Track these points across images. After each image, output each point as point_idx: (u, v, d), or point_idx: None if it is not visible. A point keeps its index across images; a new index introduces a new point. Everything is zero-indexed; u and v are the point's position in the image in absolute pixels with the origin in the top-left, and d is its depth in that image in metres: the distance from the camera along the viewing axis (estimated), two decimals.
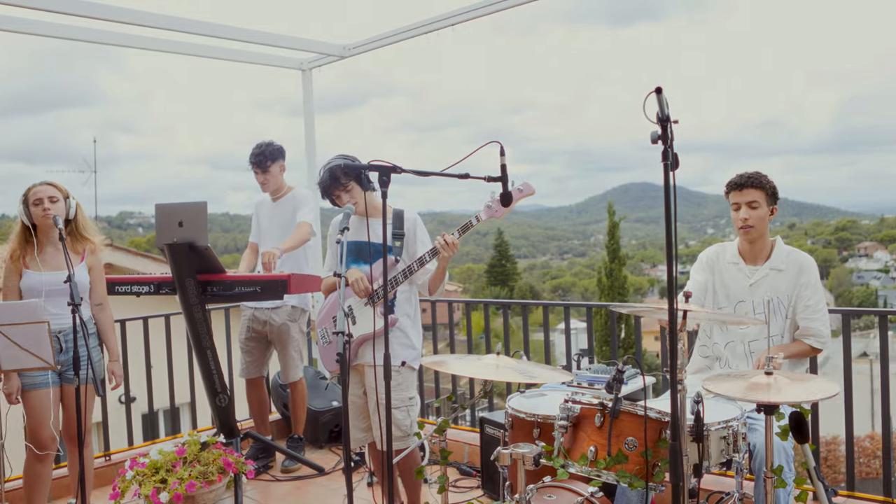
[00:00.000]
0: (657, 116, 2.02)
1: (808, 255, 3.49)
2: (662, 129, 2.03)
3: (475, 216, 3.46)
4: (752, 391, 2.54)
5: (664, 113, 1.97)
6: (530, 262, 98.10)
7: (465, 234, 3.47)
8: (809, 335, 3.41)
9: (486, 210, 3.42)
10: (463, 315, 26.09)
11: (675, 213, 1.97)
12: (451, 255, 3.46)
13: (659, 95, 1.92)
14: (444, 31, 5.27)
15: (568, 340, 4.89)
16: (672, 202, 1.99)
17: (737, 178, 3.47)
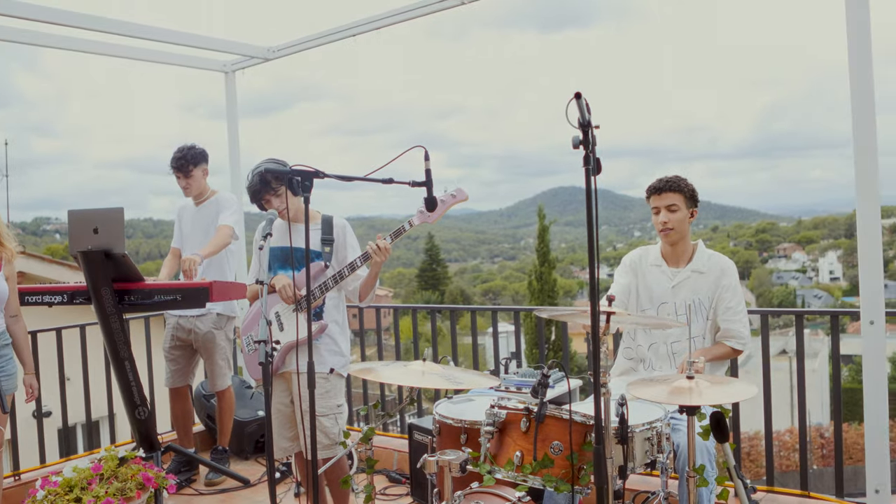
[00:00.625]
0: (578, 122, 2.02)
1: (729, 258, 3.57)
2: (584, 134, 2.04)
3: (408, 221, 3.44)
4: (674, 395, 2.58)
5: (585, 118, 1.97)
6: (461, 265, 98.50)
7: (397, 239, 3.45)
8: (730, 337, 3.48)
9: (419, 215, 3.40)
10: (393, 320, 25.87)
11: (597, 216, 1.98)
12: (383, 259, 3.42)
13: (578, 101, 1.92)
14: (368, 34, 5.23)
15: (496, 345, 4.90)
16: (594, 206, 2.00)
17: (655, 183, 3.53)
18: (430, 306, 5.24)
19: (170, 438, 5.20)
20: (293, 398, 3.62)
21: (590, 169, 2.03)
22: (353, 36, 5.32)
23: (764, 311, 4.09)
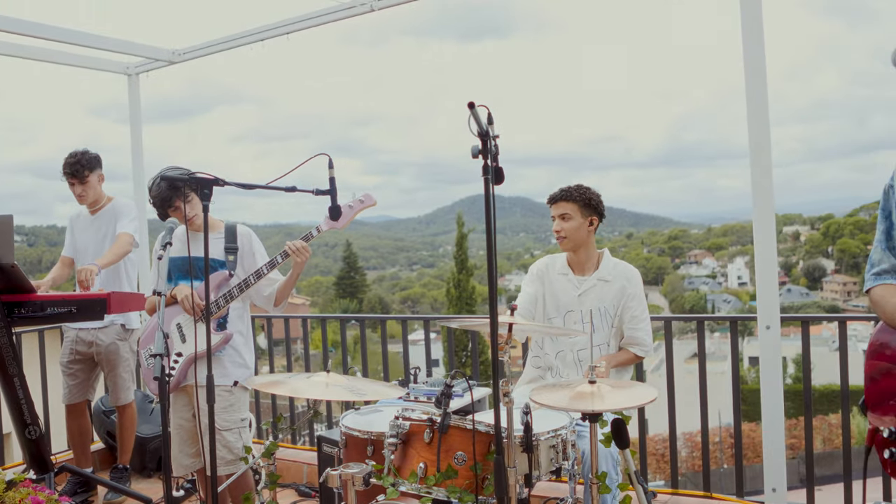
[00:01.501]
0: (477, 132, 2.01)
1: (634, 267, 3.64)
2: (483, 143, 2.03)
3: (316, 227, 3.38)
4: (576, 401, 2.59)
5: (483, 128, 1.96)
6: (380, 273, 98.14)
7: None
8: (634, 344, 3.55)
9: (326, 221, 3.34)
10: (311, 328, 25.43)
11: (495, 226, 1.97)
12: (303, 259, 3.36)
13: (472, 111, 1.91)
14: (277, 38, 5.15)
15: (406, 354, 4.87)
16: (492, 216, 1.99)
17: (551, 193, 3.60)
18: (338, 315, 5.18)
19: (66, 458, 4.96)
20: (195, 412, 3.51)
21: (488, 178, 2.02)
22: (261, 41, 5.23)
23: (667, 317, 4.20)
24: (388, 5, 4.54)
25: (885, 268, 1.94)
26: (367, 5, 4.54)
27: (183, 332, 3.51)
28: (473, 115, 1.93)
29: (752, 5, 3.52)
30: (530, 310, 3.64)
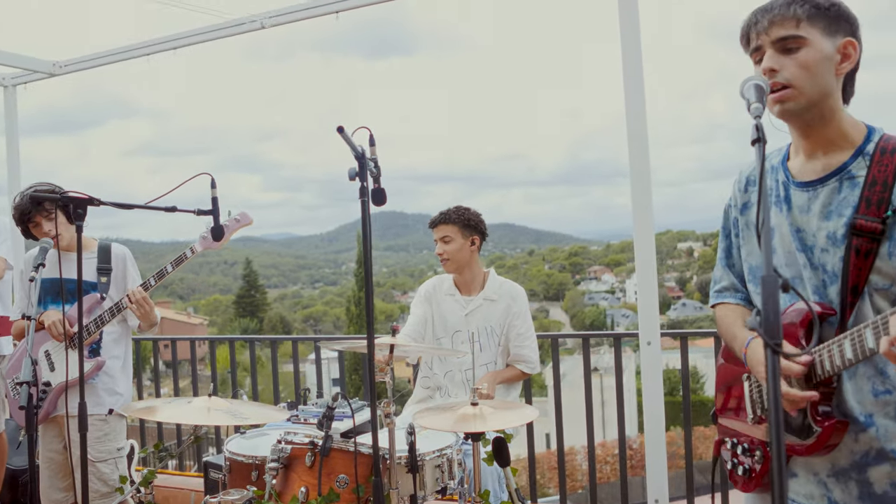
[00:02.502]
0: (354, 154, 2.01)
1: (519, 286, 3.71)
2: (359, 166, 2.03)
3: (189, 248, 3.29)
4: (460, 422, 2.61)
5: (357, 151, 1.96)
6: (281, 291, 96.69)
7: (178, 267, 3.28)
8: (521, 361, 3.60)
9: (202, 241, 3.26)
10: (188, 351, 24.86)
11: (370, 250, 1.97)
12: (145, 313, 3.26)
13: (342, 134, 1.91)
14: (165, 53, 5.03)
15: (296, 375, 4.79)
16: (369, 239, 1.99)
17: (431, 218, 3.69)
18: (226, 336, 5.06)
19: None
20: (67, 443, 3.34)
21: (365, 201, 2.02)
22: (146, 55, 5.09)
23: (554, 334, 4.30)
24: (279, 23, 4.49)
25: (725, 285, 2.03)
26: (258, 23, 4.49)
27: (52, 359, 3.35)
28: (344, 138, 1.92)
29: (631, 31, 3.63)
30: (419, 331, 3.66)
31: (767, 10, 1.71)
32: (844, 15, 1.70)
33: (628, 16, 3.63)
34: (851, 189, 1.68)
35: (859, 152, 1.69)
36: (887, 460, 1.66)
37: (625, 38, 3.66)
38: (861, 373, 1.68)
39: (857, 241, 1.64)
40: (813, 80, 1.66)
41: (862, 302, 1.66)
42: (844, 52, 1.69)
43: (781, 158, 1.86)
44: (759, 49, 1.73)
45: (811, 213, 1.73)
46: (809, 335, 1.70)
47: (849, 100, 1.77)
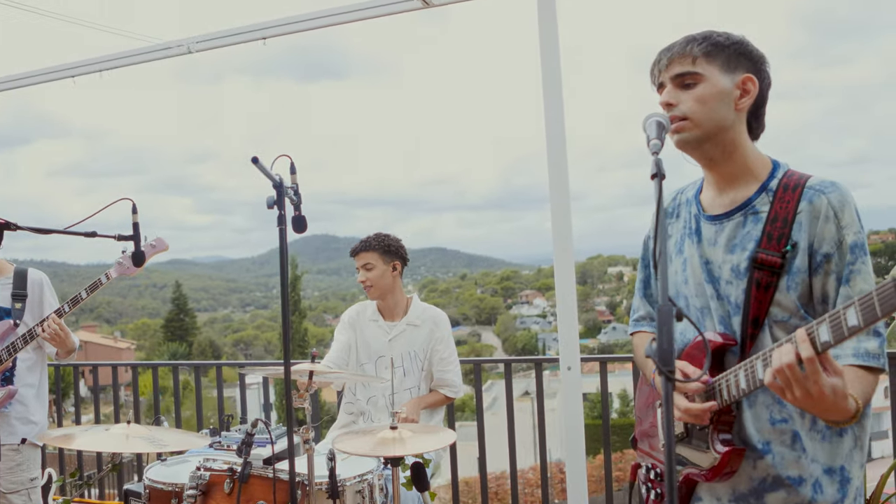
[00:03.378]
0: (272, 183, 2.05)
1: (441, 310, 3.76)
2: (277, 194, 2.06)
3: (105, 274, 3.25)
4: (379, 447, 2.64)
5: (274, 180, 2.00)
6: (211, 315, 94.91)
7: (94, 293, 3.24)
8: (444, 385, 3.65)
9: (118, 267, 3.23)
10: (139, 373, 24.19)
11: (287, 277, 2.00)
12: (60, 344, 3.21)
13: (257, 165, 1.95)
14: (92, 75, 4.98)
15: (220, 401, 4.74)
16: (285, 268, 2.02)
17: (352, 246, 3.73)
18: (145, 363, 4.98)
19: None
20: None
21: (283, 229, 2.05)
22: (72, 77, 5.03)
23: (475, 360, 4.36)
24: (207, 48, 4.49)
25: (642, 314, 2.12)
26: (185, 47, 4.48)
27: None
28: (259, 168, 1.96)
29: (551, 59, 3.71)
30: (343, 357, 3.68)
31: (668, 49, 1.82)
32: (745, 52, 1.79)
33: (548, 42, 3.69)
34: (755, 224, 1.76)
35: (763, 188, 1.77)
36: (783, 487, 1.73)
37: (545, 65, 3.70)
38: (760, 401, 1.76)
39: (759, 275, 1.72)
40: (709, 113, 1.75)
41: (762, 333, 1.74)
42: (743, 87, 1.77)
43: (695, 192, 1.94)
44: (662, 85, 1.82)
45: (718, 246, 1.82)
46: (714, 363, 1.78)
47: (757, 135, 1.85)
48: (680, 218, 1.96)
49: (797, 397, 1.45)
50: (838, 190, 1.70)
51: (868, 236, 3.12)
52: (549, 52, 3.70)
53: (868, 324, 1.29)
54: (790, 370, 1.43)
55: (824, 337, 1.38)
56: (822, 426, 1.73)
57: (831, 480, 1.72)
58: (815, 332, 1.41)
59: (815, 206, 1.69)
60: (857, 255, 1.66)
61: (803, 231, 1.69)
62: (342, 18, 4.04)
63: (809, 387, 1.42)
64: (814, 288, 1.70)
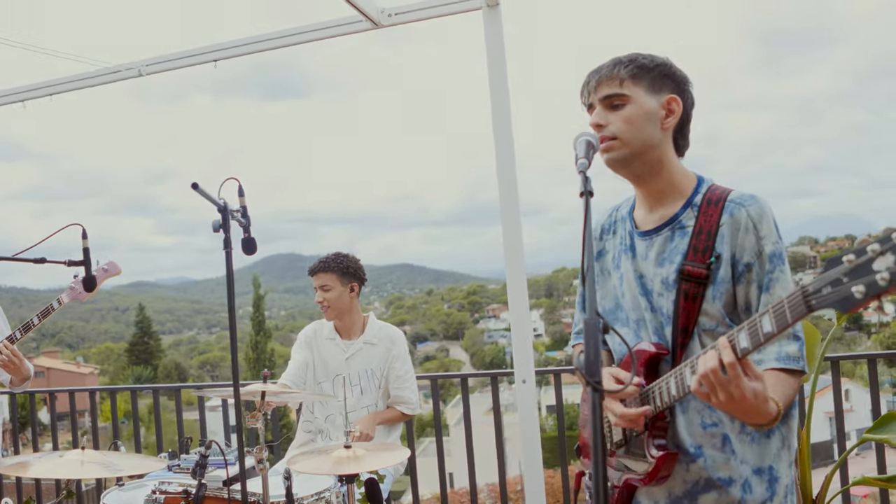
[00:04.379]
0: (217, 207, 2.08)
1: (398, 329, 3.81)
2: (223, 218, 2.09)
3: (57, 299, 3.25)
4: (334, 465, 2.67)
5: (218, 204, 2.03)
6: (176, 337, 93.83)
7: (45, 319, 3.24)
8: (400, 402, 3.69)
9: (70, 292, 3.23)
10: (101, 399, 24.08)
11: (234, 299, 2.03)
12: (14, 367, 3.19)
13: (197, 190, 1.98)
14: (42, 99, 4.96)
15: (180, 424, 4.72)
16: (231, 290, 2.05)
17: (310, 266, 3.75)
18: (101, 388, 4.95)
19: None
20: None
21: (229, 252, 2.08)
22: (21, 101, 5.00)
23: (433, 375, 4.40)
24: (157, 71, 4.50)
25: (582, 327, 2.18)
26: (135, 70, 4.49)
27: None
28: (201, 193, 1.99)
29: (498, 75, 3.76)
30: (301, 375, 3.70)
31: (597, 72, 1.88)
32: (669, 74, 1.86)
33: (495, 58, 3.75)
34: (682, 238, 1.83)
35: (688, 203, 1.85)
36: (714, 488, 1.80)
37: (493, 80, 3.76)
38: (692, 407, 1.82)
39: (686, 286, 1.80)
40: (636, 133, 1.82)
41: (692, 342, 1.80)
42: (668, 107, 1.84)
43: (629, 209, 2.01)
44: (592, 106, 1.89)
45: (649, 260, 1.89)
46: (649, 371, 1.85)
47: (683, 152, 1.93)
48: (617, 234, 2.03)
49: (721, 401, 1.51)
50: (757, 203, 1.78)
51: (825, 243, 3.27)
52: (497, 70, 3.76)
53: (781, 329, 1.36)
54: (714, 375, 1.49)
55: (743, 343, 1.45)
56: (750, 429, 1.80)
57: (760, 480, 1.79)
58: (735, 338, 1.47)
59: (736, 218, 1.77)
60: (775, 263, 1.74)
61: (725, 243, 1.77)
62: (292, 40, 4.08)
63: (732, 390, 1.48)
64: (737, 297, 1.77)
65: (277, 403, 3.65)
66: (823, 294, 1.23)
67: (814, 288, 1.26)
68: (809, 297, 1.27)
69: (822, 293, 1.23)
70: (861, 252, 1.16)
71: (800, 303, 1.30)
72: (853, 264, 1.17)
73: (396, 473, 3.62)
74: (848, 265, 1.18)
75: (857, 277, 1.16)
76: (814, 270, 60.17)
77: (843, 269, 1.19)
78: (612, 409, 1.80)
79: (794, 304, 1.32)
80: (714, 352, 1.51)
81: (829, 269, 1.22)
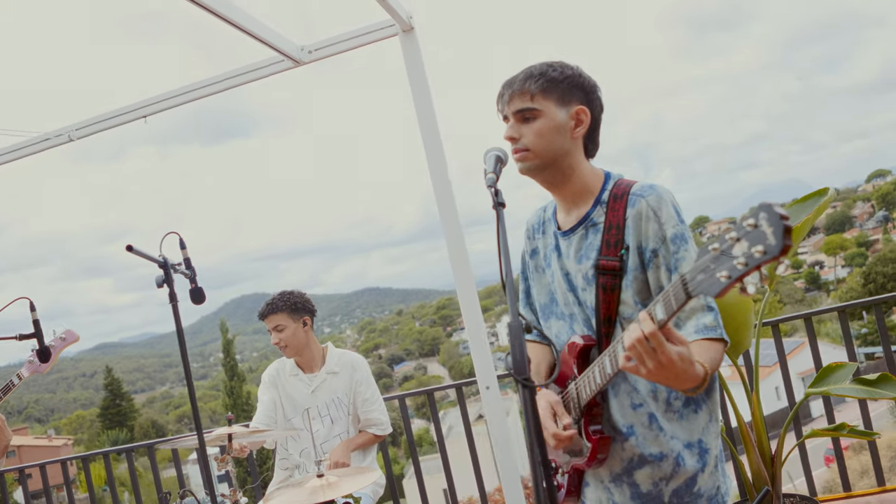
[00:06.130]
0: (157, 263, 2.14)
1: (359, 354, 3.88)
2: (165, 273, 2.16)
3: (16, 375, 3.25)
4: (310, 495, 2.73)
5: (158, 261, 2.10)
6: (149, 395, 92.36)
7: (7, 396, 3.24)
8: (371, 425, 3.75)
9: (29, 366, 3.24)
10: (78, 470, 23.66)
11: (186, 351, 2.09)
12: None
13: (132, 251, 2.04)
14: None
15: (157, 480, 4.72)
16: (183, 344, 2.11)
17: (259, 310, 3.80)
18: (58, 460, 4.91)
19: None
20: None
21: (175, 305, 2.15)
22: None
23: (400, 395, 4.46)
24: (87, 134, 4.52)
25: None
26: (65, 136, 4.50)
27: None
28: (137, 254, 2.05)
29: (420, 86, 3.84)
30: (271, 415, 3.75)
31: (509, 86, 1.99)
32: (578, 84, 1.96)
33: (417, 79, 3.83)
34: (595, 234, 1.95)
35: (598, 201, 1.97)
36: (647, 464, 1.92)
37: (418, 104, 3.81)
38: (622, 390, 1.94)
39: (603, 279, 1.91)
40: (547, 144, 1.93)
41: (615, 330, 1.92)
42: (577, 118, 1.95)
43: (552, 211, 2.14)
44: (506, 118, 2.00)
45: (570, 259, 2.01)
46: (582, 362, 1.96)
47: (593, 154, 2.04)
48: (546, 234, 2.15)
49: (651, 369, 1.58)
50: (655, 192, 1.90)
51: (793, 204, 3.39)
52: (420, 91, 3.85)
53: (689, 297, 1.44)
54: (641, 344, 1.56)
55: (660, 315, 1.53)
56: (677, 406, 1.92)
57: (691, 453, 1.92)
58: (653, 311, 1.57)
59: (638, 209, 1.89)
60: (678, 244, 1.85)
61: (631, 233, 1.88)
62: (215, 88, 4.13)
63: (659, 357, 1.56)
64: (650, 281, 1.88)
65: (252, 445, 3.70)
66: (698, 280, 1.34)
67: (690, 276, 1.37)
68: (686, 284, 1.38)
69: (696, 280, 1.34)
70: (723, 240, 1.26)
71: (680, 290, 1.42)
72: (718, 252, 1.27)
73: (375, 496, 3.68)
74: (714, 253, 1.28)
75: (722, 264, 1.26)
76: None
77: (710, 257, 1.29)
78: (550, 430, 1.90)
79: (676, 291, 1.44)
80: (636, 324, 1.59)
81: (701, 258, 1.33)
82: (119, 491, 17.08)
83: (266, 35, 3.64)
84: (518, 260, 2.28)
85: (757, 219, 1.17)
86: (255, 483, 4.32)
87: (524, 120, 1.95)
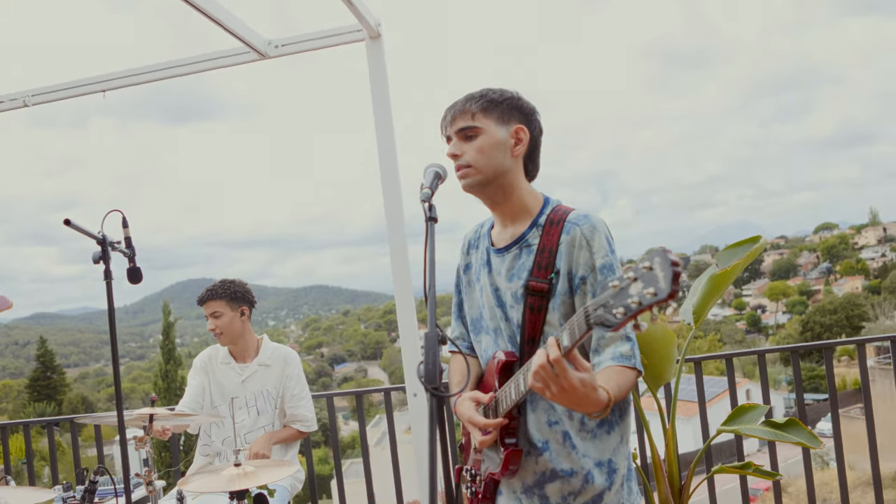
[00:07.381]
0: (95, 240, 2.17)
1: (291, 349, 3.91)
2: (102, 250, 2.19)
3: None
4: (226, 483, 2.77)
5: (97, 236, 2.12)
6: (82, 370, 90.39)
7: None
8: (296, 420, 3.79)
9: None
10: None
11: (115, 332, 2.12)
12: None
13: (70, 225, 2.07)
14: None
15: (76, 455, 4.69)
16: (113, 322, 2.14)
17: (198, 296, 3.81)
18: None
19: None
20: None
21: (109, 283, 2.17)
22: None
23: (328, 394, 4.51)
24: (43, 101, 4.49)
25: (456, 335, 2.36)
26: (20, 101, 4.47)
27: None
28: (74, 228, 2.08)
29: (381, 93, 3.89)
30: (198, 400, 3.76)
31: (452, 107, 2.08)
32: (517, 106, 2.06)
33: (378, 87, 3.88)
34: (528, 255, 2.03)
35: (534, 223, 2.05)
36: (558, 478, 2.01)
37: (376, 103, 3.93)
38: (540, 406, 2.02)
39: (532, 300, 2.00)
40: (488, 160, 2.01)
41: (538, 350, 2.01)
42: (517, 136, 2.04)
43: (488, 227, 2.22)
44: (449, 138, 2.09)
45: (501, 276, 2.09)
46: (504, 377, 2.03)
47: (533, 176, 2.13)
48: (479, 249, 2.23)
49: (555, 393, 1.66)
50: (589, 221, 1.99)
51: (726, 249, 3.52)
52: (380, 99, 3.93)
53: (590, 328, 1.51)
54: (544, 370, 1.64)
55: (565, 342, 1.62)
56: (591, 426, 2.01)
57: (601, 471, 2.01)
58: (560, 337, 1.66)
59: (572, 236, 1.98)
60: (605, 274, 1.95)
61: (563, 259, 1.97)
62: (179, 71, 4.16)
63: (562, 382, 1.64)
64: (576, 307, 1.97)
65: (175, 429, 3.71)
66: (597, 314, 1.43)
67: (591, 309, 1.45)
68: (588, 316, 1.47)
69: (596, 313, 1.43)
70: (622, 278, 1.35)
71: (583, 321, 1.51)
72: (617, 289, 1.36)
73: (293, 490, 3.71)
74: (613, 290, 1.37)
75: (620, 301, 1.35)
76: None
77: (610, 293, 1.38)
78: (475, 420, 1.98)
79: (579, 322, 1.53)
80: (543, 350, 1.68)
81: (602, 293, 1.42)
82: (39, 465, 16.75)
83: (234, 25, 3.68)
84: (454, 274, 2.37)
85: (652, 262, 1.27)
86: (175, 467, 4.32)
87: (466, 138, 2.03)
